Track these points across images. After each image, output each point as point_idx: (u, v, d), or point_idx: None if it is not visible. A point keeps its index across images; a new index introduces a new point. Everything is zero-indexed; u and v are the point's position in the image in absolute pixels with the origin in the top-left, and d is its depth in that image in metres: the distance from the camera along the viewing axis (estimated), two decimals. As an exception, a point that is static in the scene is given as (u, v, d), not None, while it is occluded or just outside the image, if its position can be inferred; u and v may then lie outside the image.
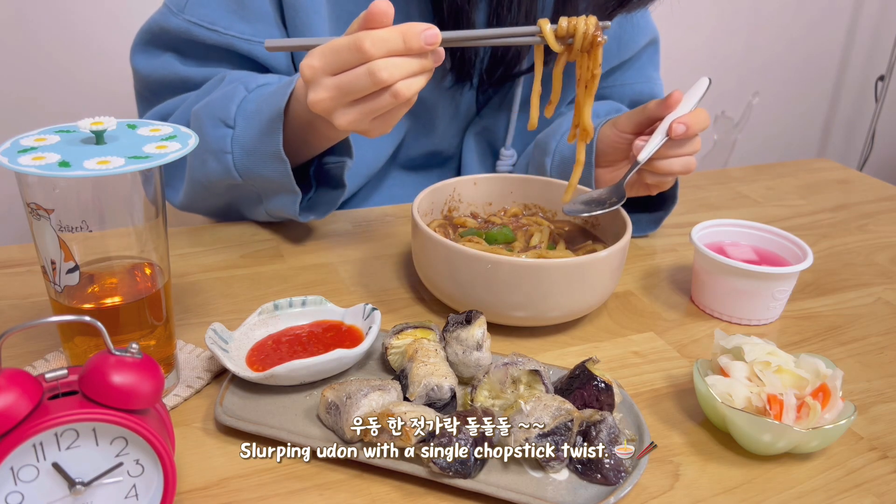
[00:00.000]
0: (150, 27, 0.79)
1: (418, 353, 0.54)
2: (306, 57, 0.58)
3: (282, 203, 0.73)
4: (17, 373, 0.37)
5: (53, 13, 1.41)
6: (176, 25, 0.77)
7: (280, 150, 0.67)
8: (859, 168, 2.44)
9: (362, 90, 0.57)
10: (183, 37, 0.77)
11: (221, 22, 0.76)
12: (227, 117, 0.70)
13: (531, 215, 0.77)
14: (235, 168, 0.70)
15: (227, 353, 0.54)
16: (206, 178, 0.74)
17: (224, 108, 0.70)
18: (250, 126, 0.69)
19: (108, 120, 0.46)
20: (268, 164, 0.69)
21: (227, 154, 0.70)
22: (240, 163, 0.70)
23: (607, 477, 0.46)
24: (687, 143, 0.72)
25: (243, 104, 0.69)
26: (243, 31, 0.77)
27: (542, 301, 0.60)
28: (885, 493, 0.49)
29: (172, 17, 0.77)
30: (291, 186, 0.70)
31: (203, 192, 0.77)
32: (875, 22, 2.38)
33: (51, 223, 0.45)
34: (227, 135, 0.70)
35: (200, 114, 0.72)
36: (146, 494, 0.40)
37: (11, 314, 0.63)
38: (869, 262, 0.83)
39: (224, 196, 0.77)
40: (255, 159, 0.69)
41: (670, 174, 0.73)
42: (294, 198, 0.72)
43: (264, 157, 0.69)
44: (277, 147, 0.67)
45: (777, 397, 0.50)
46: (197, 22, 0.76)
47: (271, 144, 0.68)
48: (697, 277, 0.70)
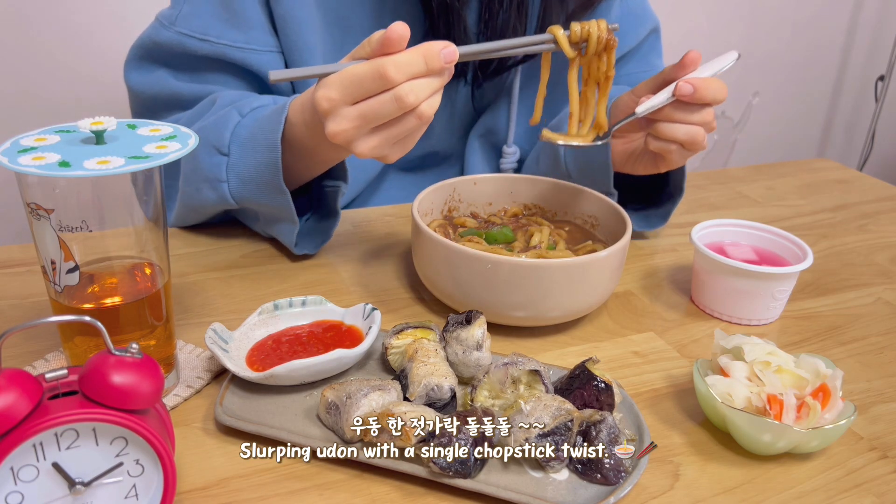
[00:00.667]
0: (142, 42, 0.78)
1: (418, 353, 0.54)
2: (321, 88, 0.57)
3: (279, 230, 0.73)
4: (17, 373, 0.37)
5: (54, 12, 1.41)
6: (167, 39, 0.76)
7: (280, 182, 0.66)
8: (859, 168, 2.44)
9: (387, 116, 0.56)
10: (175, 50, 0.76)
11: (213, 31, 0.75)
12: (220, 144, 0.68)
13: (531, 215, 0.77)
14: (232, 196, 0.70)
15: (227, 353, 0.54)
16: (201, 205, 0.73)
17: (218, 134, 0.69)
18: (245, 155, 0.67)
19: (108, 120, 0.46)
20: (266, 195, 0.68)
21: (223, 183, 0.69)
22: (236, 191, 0.69)
23: (607, 477, 0.46)
24: (696, 110, 0.67)
25: (237, 130, 0.68)
26: (235, 38, 0.76)
27: (542, 301, 0.60)
28: (885, 493, 0.49)
29: (164, 30, 0.76)
30: (291, 216, 0.69)
31: (196, 215, 0.76)
32: (875, 22, 2.38)
33: (51, 223, 0.45)
34: (221, 163, 0.69)
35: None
36: (146, 494, 0.40)
37: (11, 314, 0.63)
38: (869, 262, 0.83)
39: (218, 215, 0.77)
40: (252, 188, 0.68)
41: (673, 140, 0.69)
42: (292, 228, 0.71)
43: (262, 187, 0.68)
44: (277, 179, 0.66)
45: (777, 397, 0.50)
46: (188, 33, 0.75)
47: (269, 176, 0.67)
48: (697, 277, 0.70)
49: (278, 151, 0.65)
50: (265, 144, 0.66)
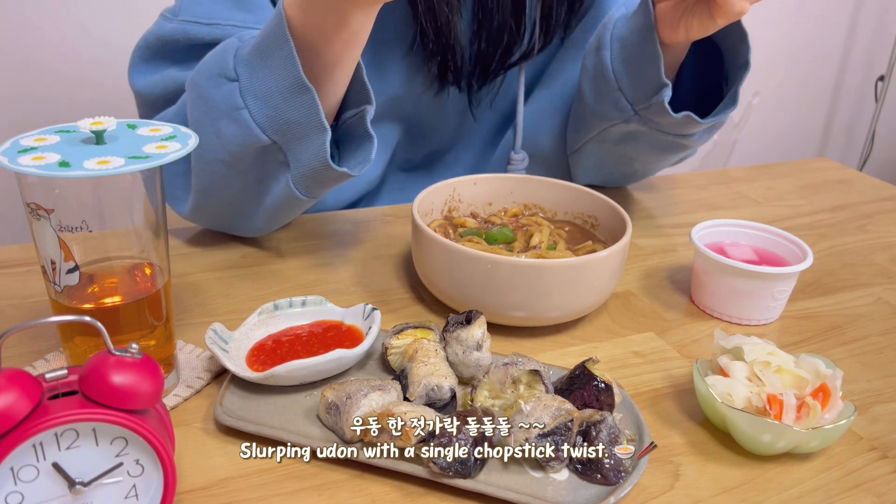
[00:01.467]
0: (145, 42, 0.74)
1: (418, 353, 0.54)
2: None
3: (311, 152, 0.63)
4: (17, 373, 0.37)
5: (54, 12, 1.41)
6: (171, 31, 0.72)
7: (301, 76, 0.60)
8: (859, 168, 2.44)
9: None
10: (181, 41, 0.72)
11: (220, 15, 0.71)
12: (226, 70, 0.62)
13: (531, 215, 0.77)
14: (256, 122, 0.62)
15: (227, 353, 0.54)
16: (226, 151, 0.65)
17: (221, 62, 0.63)
18: (255, 69, 0.61)
19: (108, 120, 0.46)
20: (290, 101, 0.61)
21: (241, 110, 0.62)
22: (258, 114, 0.62)
23: (607, 477, 0.46)
24: None
25: (239, 53, 0.63)
26: (245, 19, 0.72)
27: (542, 301, 0.60)
28: (885, 493, 0.49)
29: (167, 23, 0.72)
30: (319, 119, 0.61)
31: (221, 179, 0.68)
32: (875, 22, 2.38)
33: (51, 223, 0.45)
34: (233, 89, 0.62)
35: (196, 79, 0.65)
36: (146, 494, 0.40)
37: (11, 314, 0.63)
38: (869, 262, 0.83)
39: (244, 178, 0.67)
40: (274, 103, 0.61)
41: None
42: (323, 137, 0.62)
43: (283, 95, 0.61)
44: (297, 73, 0.59)
45: (777, 397, 0.50)
46: (193, 20, 0.71)
47: (288, 76, 0.60)
48: (697, 277, 0.70)
49: (290, 43, 0.59)
50: (274, 44, 0.60)
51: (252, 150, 0.64)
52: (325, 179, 0.65)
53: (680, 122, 0.73)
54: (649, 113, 0.75)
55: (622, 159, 0.86)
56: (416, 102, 0.87)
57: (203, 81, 0.64)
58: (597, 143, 0.84)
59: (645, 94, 0.74)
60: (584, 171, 0.91)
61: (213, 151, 0.66)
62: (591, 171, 0.91)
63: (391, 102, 0.85)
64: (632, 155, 0.85)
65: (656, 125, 0.76)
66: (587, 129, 0.84)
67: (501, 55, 0.84)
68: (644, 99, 0.74)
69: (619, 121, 0.78)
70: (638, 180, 0.96)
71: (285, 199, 0.68)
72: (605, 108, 0.79)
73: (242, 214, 0.73)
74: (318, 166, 0.63)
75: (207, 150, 0.66)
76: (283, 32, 0.59)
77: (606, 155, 0.86)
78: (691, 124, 0.74)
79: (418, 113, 0.88)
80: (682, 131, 0.76)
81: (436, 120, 0.90)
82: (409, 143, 0.92)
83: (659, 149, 0.81)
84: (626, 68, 0.75)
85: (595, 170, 0.90)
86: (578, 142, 0.87)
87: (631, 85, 0.75)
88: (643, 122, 0.76)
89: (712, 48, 0.79)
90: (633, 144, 0.82)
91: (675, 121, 0.73)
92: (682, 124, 0.74)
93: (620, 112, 0.77)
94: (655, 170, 0.91)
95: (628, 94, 0.75)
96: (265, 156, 0.65)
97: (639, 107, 0.75)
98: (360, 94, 0.67)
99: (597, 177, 0.92)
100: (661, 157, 0.84)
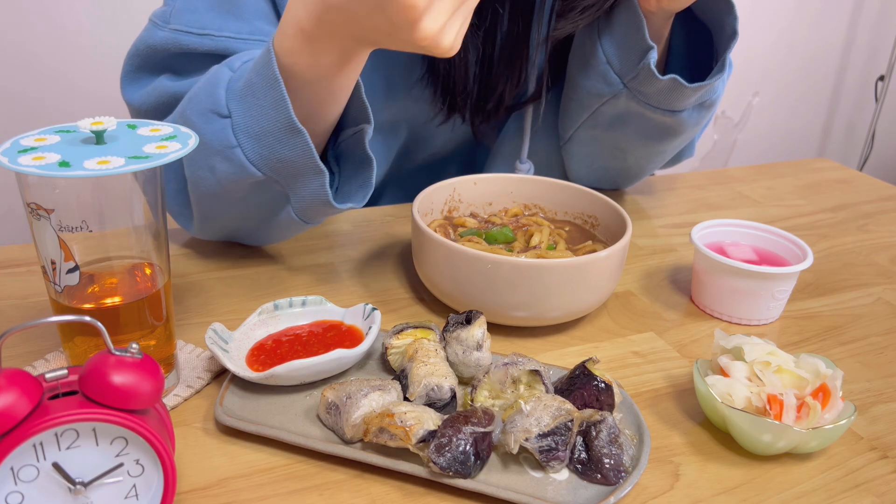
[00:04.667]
0: (136, 50, 0.71)
1: (418, 353, 0.54)
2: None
3: (311, 191, 0.62)
4: (17, 373, 0.37)
5: (54, 12, 1.41)
6: (162, 39, 0.69)
7: (292, 117, 0.58)
8: (859, 168, 2.44)
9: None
10: (172, 51, 0.69)
11: (213, 25, 0.68)
12: (218, 106, 0.60)
13: (531, 215, 0.77)
14: (249, 161, 0.61)
15: (227, 353, 0.54)
16: (221, 185, 0.63)
17: (212, 96, 0.61)
18: (248, 106, 0.59)
19: (108, 120, 0.46)
20: (283, 142, 0.59)
21: (234, 148, 0.60)
22: (252, 153, 0.60)
23: (607, 477, 0.46)
24: None
25: (231, 86, 0.60)
26: (239, 29, 0.69)
27: (542, 301, 0.60)
28: (885, 493, 0.49)
29: (158, 31, 0.69)
30: (314, 162, 0.60)
31: (220, 207, 0.67)
32: (875, 22, 2.38)
33: (51, 223, 0.45)
34: (225, 126, 0.60)
35: (187, 112, 0.63)
36: (146, 494, 0.41)
37: (11, 314, 0.63)
38: (869, 262, 0.83)
39: (244, 204, 0.66)
40: (268, 142, 0.59)
41: None
42: (321, 179, 0.61)
43: (276, 136, 0.59)
44: (288, 115, 0.58)
45: (777, 397, 0.50)
46: (185, 29, 0.68)
47: (280, 117, 0.58)
48: (697, 277, 0.70)
49: (280, 83, 0.57)
50: (264, 84, 0.58)
51: (248, 184, 0.63)
52: (329, 212, 0.65)
53: (668, 88, 0.75)
54: (637, 83, 0.76)
55: (614, 150, 0.87)
56: (423, 125, 0.87)
57: (194, 117, 0.62)
58: (588, 128, 0.85)
59: (632, 63, 0.75)
60: (578, 165, 0.91)
61: (207, 186, 0.64)
62: (583, 165, 0.91)
63: (397, 117, 0.86)
64: (623, 143, 0.85)
65: (644, 97, 0.77)
66: (578, 113, 0.85)
67: (498, 101, 0.85)
68: (631, 68, 0.76)
69: (609, 97, 0.79)
70: (632, 181, 0.95)
71: (289, 223, 0.67)
72: (595, 85, 0.80)
73: (248, 231, 0.72)
74: (319, 204, 0.63)
75: (202, 184, 0.65)
76: (272, 73, 0.57)
77: (597, 145, 0.86)
78: (680, 91, 0.75)
79: (424, 128, 0.89)
80: (671, 104, 0.77)
81: (441, 133, 0.90)
82: (411, 148, 0.92)
83: (649, 133, 0.82)
84: (613, 40, 0.77)
85: (588, 165, 0.90)
86: (570, 129, 0.87)
87: (618, 56, 0.77)
88: (632, 96, 0.78)
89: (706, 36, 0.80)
90: (624, 130, 0.83)
91: (663, 87, 0.75)
92: (670, 92, 0.75)
93: (609, 86, 0.78)
94: (649, 166, 0.90)
95: (616, 66, 0.77)
96: (263, 187, 0.64)
97: (627, 78, 0.77)
98: (358, 112, 0.66)
99: (590, 173, 0.92)
100: (653, 145, 0.84)
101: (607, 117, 0.82)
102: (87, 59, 1.46)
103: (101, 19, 1.44)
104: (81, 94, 1.48)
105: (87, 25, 1.44)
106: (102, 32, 1.45)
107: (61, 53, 1.44)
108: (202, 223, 0.71)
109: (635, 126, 0.82)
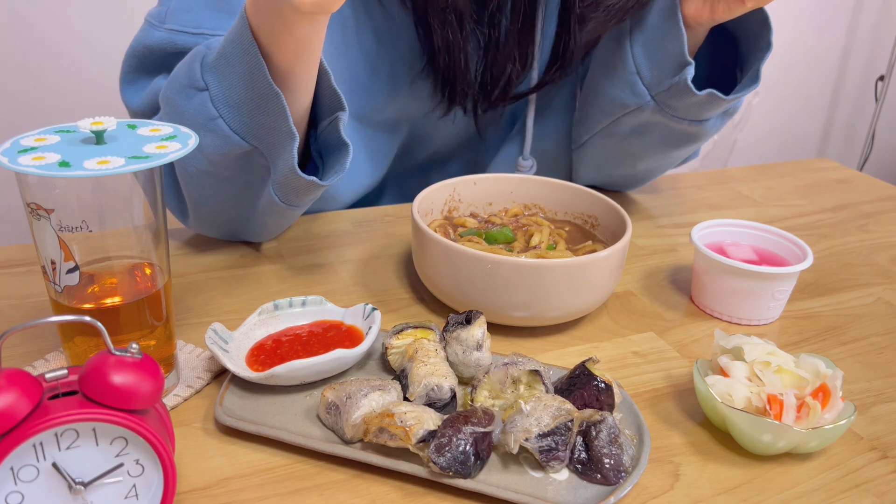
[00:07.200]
0: (133, 51, 0.71)
1: (418, 353, 0.54)
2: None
3: (284, 160, 0.62)
4: (17, 373, 0.37)
5: (53, 12, 1.41)
6: (159, 39, 0.69)
7: (270, 82, 0.58)
8: (859, 168, 2.45)
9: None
10: (168, 51, 0.69)
11: (208, 24, 0.69)
12: (194, 81, 0.61)
13: (531, 215, 0.77)
14: (233, 130, 0.61)
15: (227, 353, 0.54)
16: (209, 161, 0.64)
17: (188, 72, 0.62)
18: (223, 77, 0.60)
19: (108, 120, 0.46)
20: (262, 109, 0.60)
21: (216, 119, 0.61)
22: (233, 122, 0.61)
23: (607, 477, 0.46)
24: None
25: (206, 60, 0.61)
26: None
27: (542, 301, 0.60)
28: (885, 493, 0.49)
29: (154, 31, 0.70)
30: (288, 125, 0.60)
31: (209, 189, 0.67)
32: (875, 22, 2.39)
33: (51, 223, 0.45)
34: (204, 99, 0.61)
35: (168, 94, 0.63)
36: (146, 494, 0.41)
37: (11, 314, 0.63)
38: (869, 262, 0.83)
39: (231, 185, 0.67)
40: (247, 110, 0.61)
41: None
42: (292, 144, 0.61)
43: (255, 102, 0.60)
44: (264, 79, 0.58)
45: (777, 397, 0.50)
46: (181, 29, 0.69)
47: (257, 83, 0.59)
48: (697, 277, 0.70)
49: (255, 46, 0.58)
50: (238, 51, 0.59)
51: (234, 156, 0.63)
52: (298, 188, 0.64)
53: (701, 102, 0.72)
54: (667, 96, 0.74)
55: (627, 158, 0.85)
56: (424, 118, 0.87)
57: (174, 95, 0.63)
58: (605, 136, 0.83)
59: (664, 76, 0.73)
60: (586, 169, 0.90)
61: (195, 163, 0.65)
62: (592, 171, 0.90)
63: (399, 114, 0.86)
64: (639, 151, 0.83)
65: (672, 110, 0.75)
66: (597, 120, 0.83)
67: (504, 87, 0.84)
68: (663, 81, 0.73)
69: (633, 108, 0.77)
70: (636, 186, 0.96)
71: (270, 205, 0.67)
72: (620, 95, 0.77)
73: (239, 220, 0.72)
74: (288, 173, 0.63)
75: (190, 162, 0.65)
76: (247, 36, 0.58)
77: (612, 152, 0.85)
78: (714, 103, 0.73)
79: (425, 124, 0.88)
80: (699, 115, 0.75)
81: (441, 130, 0.90)
82: (412, 147, 0.92)
83: (669, 142, 0.80)
84: (646, 50, 0.74)
85: (597, 169, 0.90)
86: (586, 135, 0.86)
87: (650, 67, 0.74)
88: (658, 109, 0.75)
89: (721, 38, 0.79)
90: (643, 139, 0.81)
91: (696, 102, 0.72)
92: (702, 105, 0.73)
93: (636, 97, 0.76)
94: (658, 171, 0.90)
95: (646, 77, 0.74)
96: (249, 161, 0.64)
97: (655, 91, 0.74)
98: (332, 101, 0.66)
99: (598, 177, 0.92)
100: (669, 152, 0.83)
101: (627, 127, 0.80)
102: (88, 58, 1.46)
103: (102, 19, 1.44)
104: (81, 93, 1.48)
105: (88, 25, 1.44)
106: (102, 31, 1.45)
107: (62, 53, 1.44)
108: (195, 211, 0.71)
109: (655, 136, 0.80)
